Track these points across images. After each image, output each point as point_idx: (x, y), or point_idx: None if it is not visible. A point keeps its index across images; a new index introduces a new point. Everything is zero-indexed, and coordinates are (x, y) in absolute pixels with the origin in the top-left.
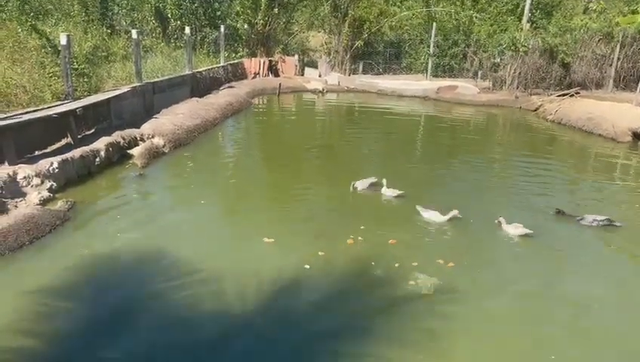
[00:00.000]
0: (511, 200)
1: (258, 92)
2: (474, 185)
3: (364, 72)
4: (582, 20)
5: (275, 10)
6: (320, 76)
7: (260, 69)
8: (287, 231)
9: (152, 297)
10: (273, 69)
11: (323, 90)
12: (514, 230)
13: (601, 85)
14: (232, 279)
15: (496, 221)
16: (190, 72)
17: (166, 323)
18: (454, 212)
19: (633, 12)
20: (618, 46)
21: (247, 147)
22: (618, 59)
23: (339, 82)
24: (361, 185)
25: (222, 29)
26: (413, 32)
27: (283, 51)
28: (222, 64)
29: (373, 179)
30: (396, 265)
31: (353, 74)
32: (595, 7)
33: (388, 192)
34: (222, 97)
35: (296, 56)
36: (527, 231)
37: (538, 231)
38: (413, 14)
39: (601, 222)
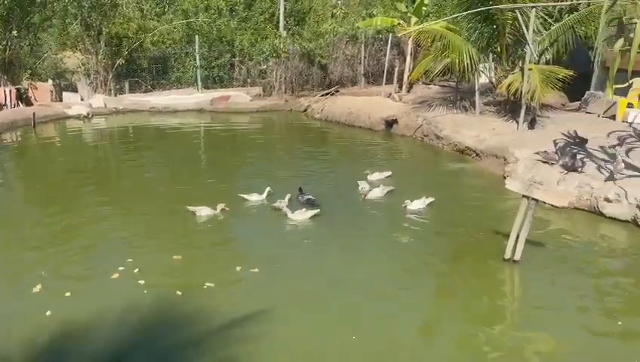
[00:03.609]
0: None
1: (8, 126)
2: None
3: (132, 90)
4: (330, 25)
5: (14, 32)
6: (82, 100)
7: (5, 99)
8: (53, 273)
9: None
10: (23, 98)
11: (88, 114)
12: (302, 215)
13: (355, 82)
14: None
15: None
16: None
17: None
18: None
19: (370, 16)
20: (363, 46)
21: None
22: (365, 57)
23: (105, 104)
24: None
25: None
26: (177, 45)
27: (32, 77)
28: None
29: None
30: (178, 293)
31: (120, 94)
32: (338, 13)
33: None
34: None
35: (50, 81)
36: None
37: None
38: (174, 27)
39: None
